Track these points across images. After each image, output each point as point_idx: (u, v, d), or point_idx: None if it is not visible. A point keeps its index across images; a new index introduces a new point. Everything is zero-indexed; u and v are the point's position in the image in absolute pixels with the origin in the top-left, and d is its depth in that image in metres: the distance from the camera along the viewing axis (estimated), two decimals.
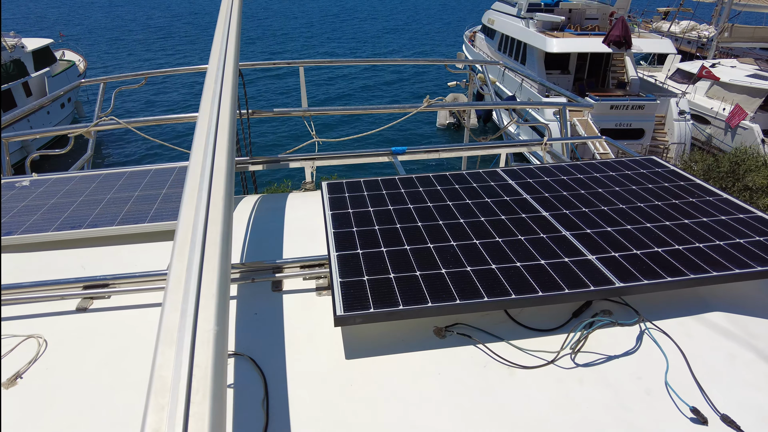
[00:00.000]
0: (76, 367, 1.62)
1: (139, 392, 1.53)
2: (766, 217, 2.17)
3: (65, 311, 1.88)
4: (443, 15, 68.13)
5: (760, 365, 1.62)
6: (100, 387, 1.55)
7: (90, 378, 1.58)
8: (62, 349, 1.70)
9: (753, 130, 16.31)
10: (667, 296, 1.91)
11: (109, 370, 1.61)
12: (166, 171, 2.98)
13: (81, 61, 23.55)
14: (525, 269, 1.84)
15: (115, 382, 1.56)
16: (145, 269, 2.16)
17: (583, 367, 1.61)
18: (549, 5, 21.49)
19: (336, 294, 1.70)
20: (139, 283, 1.94)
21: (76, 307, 1.89)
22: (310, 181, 3.38)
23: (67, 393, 1.53)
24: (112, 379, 1.58)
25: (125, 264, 2.21)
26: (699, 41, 28.35)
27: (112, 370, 1.61)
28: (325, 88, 28.73)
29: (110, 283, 1.94)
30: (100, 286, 1.94)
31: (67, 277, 2.07)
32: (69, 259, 2.25)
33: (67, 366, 1.63)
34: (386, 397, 1.50)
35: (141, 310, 1.89)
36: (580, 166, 2.76)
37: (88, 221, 2.39)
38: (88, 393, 1.53)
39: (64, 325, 1.81)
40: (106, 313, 1.87)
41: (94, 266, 2.19)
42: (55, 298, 1.89)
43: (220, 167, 1.51)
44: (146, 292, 1.94)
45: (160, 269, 2.03)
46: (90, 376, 1.59)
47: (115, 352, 1.68)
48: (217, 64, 2.13)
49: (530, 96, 18.63)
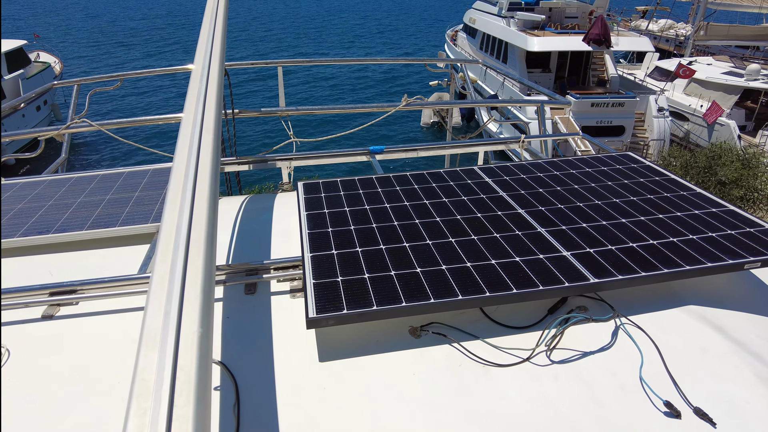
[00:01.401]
0: (41, 376, 1.57)
1: (109, 400, 1.49)
2: (737, 211, 2.19)
3: (30, 319, 1.82)
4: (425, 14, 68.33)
5: (731, 357, 1.63)
6: (67, 396, 1.50)
7: (56, 387, 1.53)
8: (26, 359, 1.64)
9: (729, 126, 16.64)
10: (642, 291, 1.92)
11: (77, 379, 1.56)
12: (139, 173, 2.92)
13: (57, 63, 23.06)
14: (500, 267, 1.83)
15: (83, 390, 1.52)
16: (116, 274, 2.11)
17: (559, 363, 1.60)
18: (529, 4, 21.69)
19: (309, 296, 1.67)
20: (108, 289, 1.89)
21: (42, 314, 1.83)
22: (288, 181, 3.34)
23: (32, 403, 1.48)
24: (80, 387, 1.53)
25: (95, 269, 2.15)
26: (677, 39, 28.85)
27: (79, 379, 1.56)
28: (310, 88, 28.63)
29: (78, 289, 1.89)
30: (67, 292, 1.89)
31: (33, 284, 2.01)
32: (36, 265, 2.19)
33: (31, 376, 1.57)
34: (359, 400, 1.48)
35: (111, 316, 1.84)
36: (557, 163, 2.77)
37: (56, 226, 2.32)
38: (55, 403, 1.48)
39: (28, 334, 1.75)
40: (73, 320, 1.81)
41: (62, 272, 2.13)
42: (18, 306, 1.83)
43: (205, 167, 1.49)
44: (116, 297, 1.89)
45: (131, 274, 1.98)
46: (56, 385, 1.54)
47: (82, 360, 1.63)
48: (202, 64, 2.10)
49: (512, 94, 18.77)
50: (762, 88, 17.67)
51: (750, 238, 1.99)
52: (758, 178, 10.20)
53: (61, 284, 1.88)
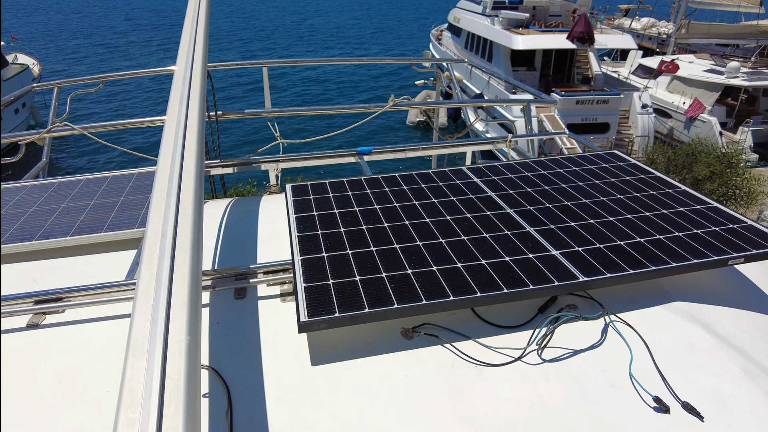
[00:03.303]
0: (26, 386, 1.54)
1: (96, 410, 1.47)
2: (721, 208, 2.23)
3: (15, 328, 1.78)
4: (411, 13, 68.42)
5: (716, 352, 1.66)
6: (53, 407, 1.47)
7: (41, 397, 1.50)
8: (11, 369, 1.61)
9: (711, 122, 16.91)
10: (630, 288, 1.94)
11: (63, 388, 1.53)
12: (124, 177, 2.88)
13: (35, 65, 22.63)
14: (490, 267, 1.84)
15: (69, 400, 1.49)
16: (102, 281, 2.08)
17: (550, 362, 1.62)
18: (513, 3, 21.82)
19: (300, 299, 1.66)
20: (95, 296, 1.86)
21: (27, 323, 1.80)
22: (275, 183, 3.32)
23: (17, 415, 1.45)
24: (66, 397, 1.50)
25: (81, 276, 2.12)
26: (659, 37, 29.23)
27: (66, 388, 1.54)
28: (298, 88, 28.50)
29: (64, 296, 1.86)
30: (52, 300, 1.85)
31: (17, 292, 1.98)
32: (20, 273, 2.15)
33: (16, 386, 1.55)
34: (353, 403, 1.48)
35: (97, 323, 1.81)
36: (544, 162, 2.79)
37: (40, 232, 2.28)
38: (41, 414, 1.45)
39: (13, 344, 1.72)
40: (59, 329, 1.78)
41: (47, 280, 2.10)
42: (3, 315, 1.80)
43: (189, 171, 1.47)
44: (103, 304, 1.87)
45: (118, 280, 1.95)
46: (41, 395, 1.51)
47: (69, 369, 1.61)
48: (185, 66, 2.08)
49: (497, 93, 18.86)
50: (741, 85, 17.98)
51: (733, 234, 2.02)
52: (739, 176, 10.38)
53: (47, 292, 1.85)
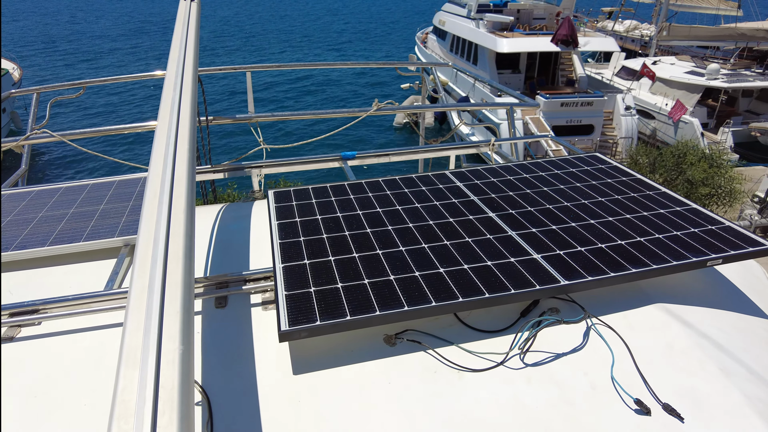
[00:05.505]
0: (2, 402, 1.51)
1: (72, 423, 1.44)
2: (699, 209, 2.25)
3: None
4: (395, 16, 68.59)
5: (694, 352, 1.68)
6: (30, 421, 1.44)
7: (19, 412, 1.47)
8: None
9: (693, 124, 17.19)
10: (611, 291, 1.96)
11: (41, 403, 1.50)
12: (104, 185, 2.84)
13: (15, 69, 22.25)
14: (472, 271, 1.84)
15: (44, 414, 1.46)
16: (81, 291, 2.04)
17: (532, 366, 1.62)
18: (498, 6, 22.01)
19: (281, 308, 1.65)
20: (73, 307, 1.83)
21: (2, 336, 1.76)
22: (259, 189, 3.29)
23: None
24: (44, 412, 1.47)
25: (58, 287, 2.08)
26: (642, 40, 29.63)
27: (44, 403, 1.50)
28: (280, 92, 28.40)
29: (40, 308, 1.82)
30: (28, 312, 1.82)
31: None
32: None
33: None
34: (335, 411, 1.46)
35: (75, 335, 1.78)
36: (526, 165, 2.81)
37: (16, 243, 2.24)
38: (14, 427, 1.42)
39: None
40: (35, 341, 1.75)
41: (23, 291, 2.05)
42: None
43: (181, 177, 1.45)
44: (81, 315, 1.83)
45: (97, 291, 1.92)
46: (16, 409, 1.48)
47: (47, 383, 1.57)
48: (175, 71, 2.05)
49: (483, 96, 18.98)
50: (721, 86, 18.31)
51: (711, 235, 2.05)
52: (722, 176, 10.55)
53: (22, 304, 1.81)
